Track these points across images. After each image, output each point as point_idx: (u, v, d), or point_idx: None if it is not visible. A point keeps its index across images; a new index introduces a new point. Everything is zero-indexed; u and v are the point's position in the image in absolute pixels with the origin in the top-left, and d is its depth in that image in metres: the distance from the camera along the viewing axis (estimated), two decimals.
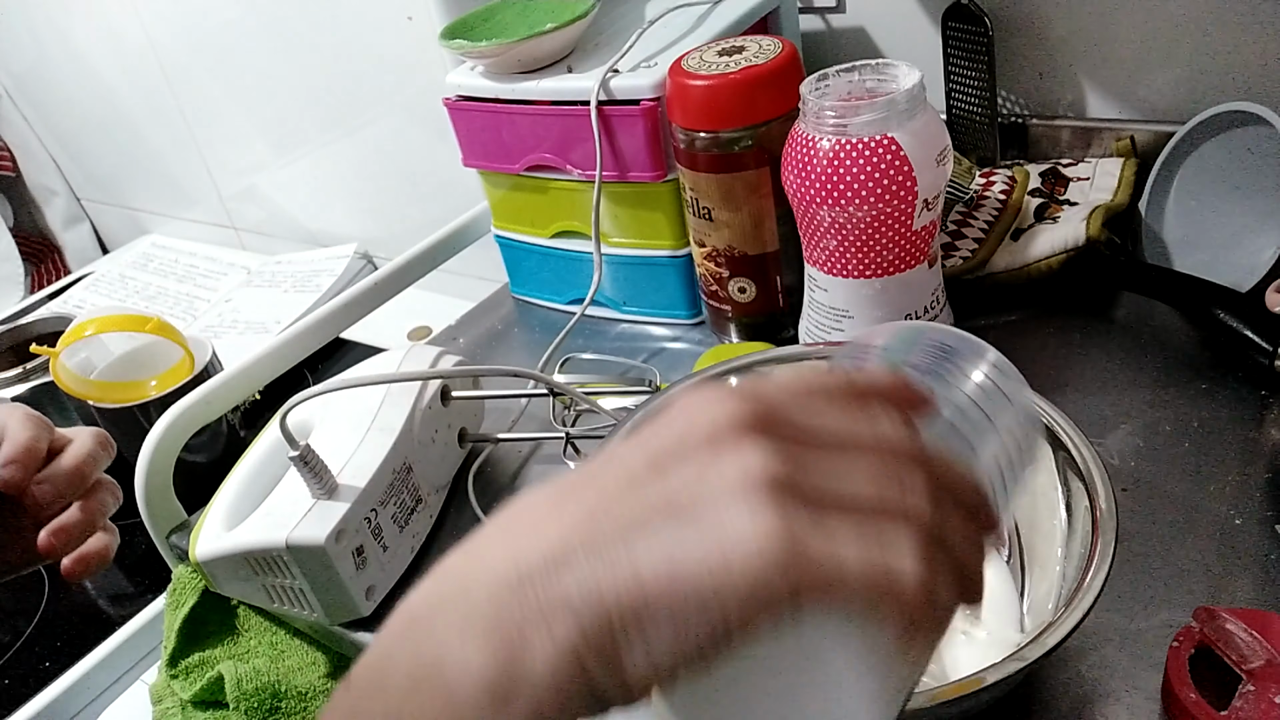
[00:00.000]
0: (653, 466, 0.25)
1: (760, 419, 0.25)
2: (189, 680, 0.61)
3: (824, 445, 0.25)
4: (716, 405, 0.25)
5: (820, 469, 0.24)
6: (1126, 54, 0.78)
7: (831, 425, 0.25)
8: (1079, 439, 0.48)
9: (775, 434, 0.24)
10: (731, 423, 0.24)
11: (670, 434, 0.25)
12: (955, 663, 0.47)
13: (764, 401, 0.25)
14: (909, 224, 0.58)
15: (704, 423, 0.25)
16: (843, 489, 0.24)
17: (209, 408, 0.69)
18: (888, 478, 0.24)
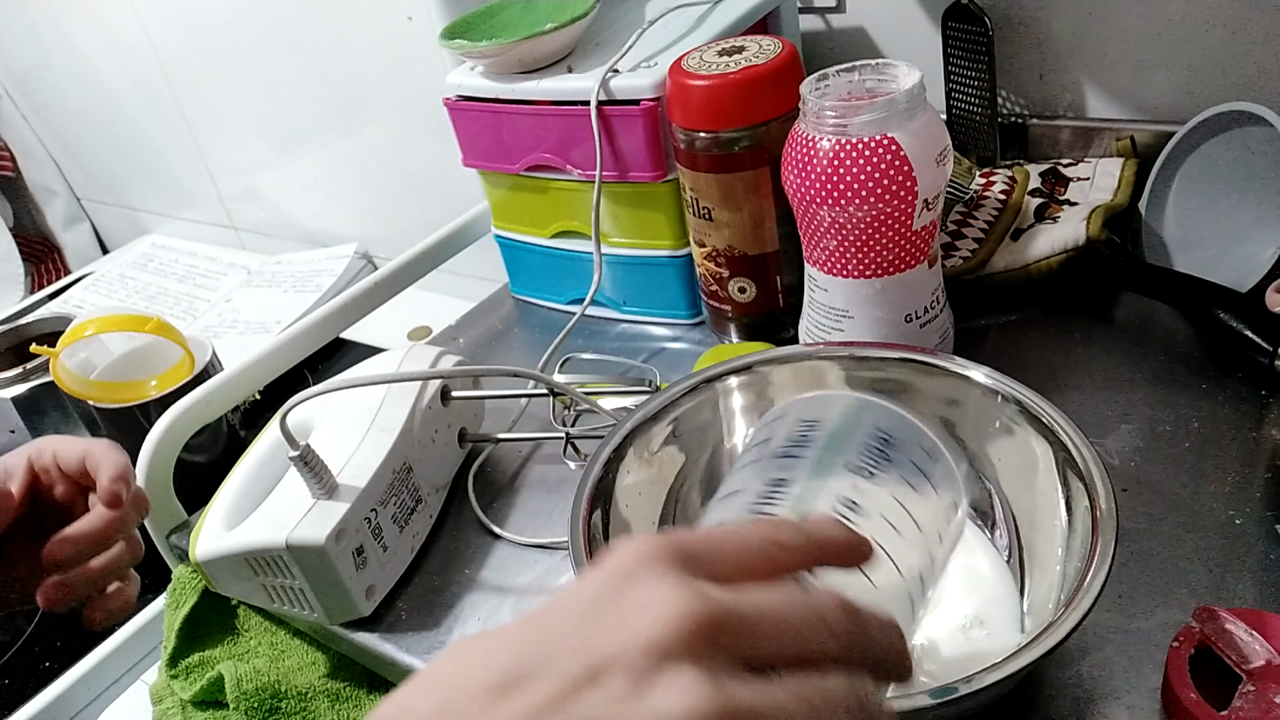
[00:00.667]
0: (586, 673, 0.25)
1: (696, 634, 0.25)
2: (189, 680, 0.61)
3: (761, 657, 0.26)
4: (662, 602, 0.26)
5: (755, 699, 0.25)
6: (1126, 54, 0.78)
7: (775, 630, 0.27)
8: (1079, 439, 0.48)
9: (712, 657, 0.25)
10: (674, 636, 0.25)
11: (605, 627, 0.26)
12: (955, 663, 0.47)
13: (700, 604, 0.26)
14: (909, 224, 0.58)
15: (643, 628, 0.25)
16: (774, 718, 0.25)
17: (209, 408, 0.69)
18: (821, 697, 0.26)
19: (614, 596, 0.27)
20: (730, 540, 0.29)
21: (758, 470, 0.34)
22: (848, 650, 0.27)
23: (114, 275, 1.44)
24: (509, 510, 0.65)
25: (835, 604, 0.28)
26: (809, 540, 0.29)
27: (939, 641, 0.48)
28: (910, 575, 0.33)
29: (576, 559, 0.47)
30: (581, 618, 0.26)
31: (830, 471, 0.33)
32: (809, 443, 0.34)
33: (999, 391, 0.52)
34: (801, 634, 0.27)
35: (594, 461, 0.53)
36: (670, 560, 0.27)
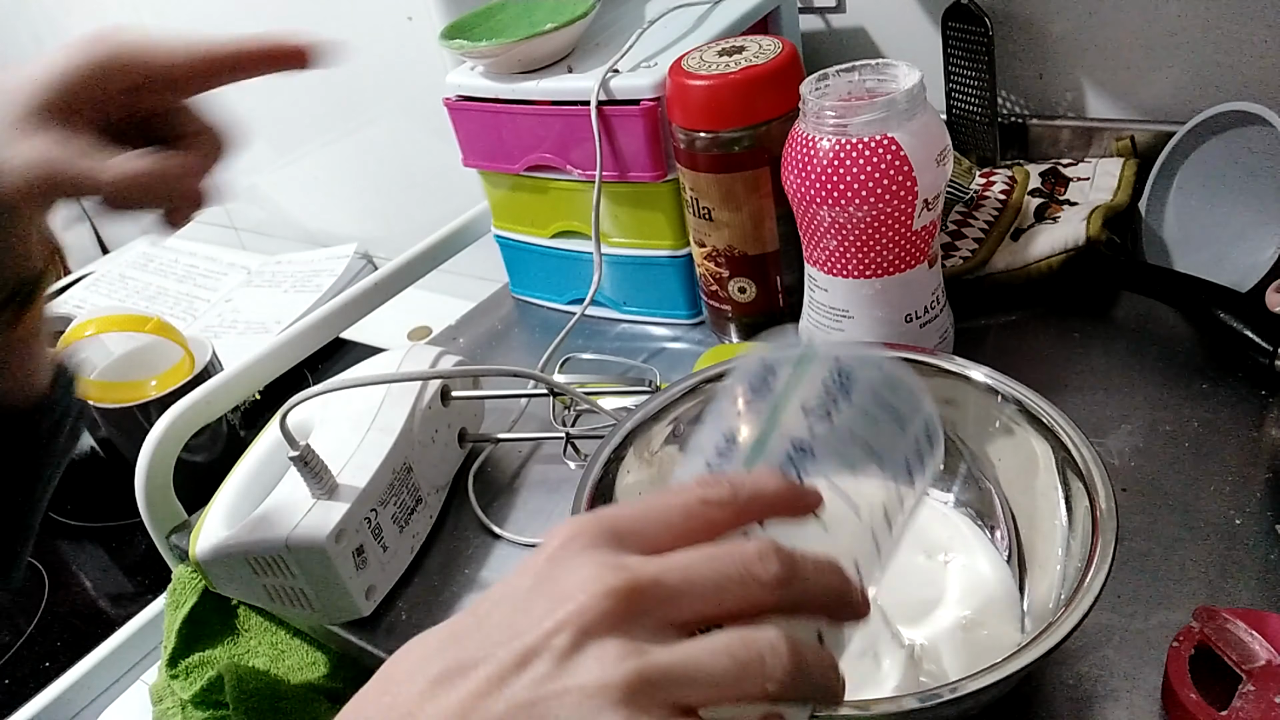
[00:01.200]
0: (518, 659, 0.27)
1: (615, 608, 0.27)
2: (189, 680, 0.61)
3: (687, 619, 0.27)
4: (584, 584, 0.27)
5: (675, 661, 0.26)
6: (1126, 54, 0.78)
7: (699, 590, 0.28)
8: (1079, 439, 0.48)
9: (634, 626, 0.27)
10: (594, 613, 0.27)
11: (536, 614, 0.27)
12: (955, 663, 0.47)
13: (618, 578, 0.27)
14: (909, 224, 0.58)
15: (568, 611, 0.27)
16: (694, 677, 0.27)
17: (209, 408, 0.69)
18: (743, 650, 0.27)
19: (542, 584, 0.28)
20: (657, 509, 0.29)
21: (715, 424, 0.35)
22: (779, 596, 0.28)
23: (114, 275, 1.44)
24: (509, 510, 0.65)
25: (762, 552, 0.28)
26: (743, 495, 0.30)
27: (939, 641, 0.48)
28: (871, 514, 0.33)
29: None
30: (513, 607, 0.28)
31: (786, 416, 0.33)
32: (766, 390, 0.34)
33: (999, 391, 0.52)
34: (725, 588, 0.28)
35: (594, 461, 0.53)
36: (596, 539, 0.28)
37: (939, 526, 0.55)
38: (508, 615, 0.28)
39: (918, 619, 0.50)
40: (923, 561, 0.53)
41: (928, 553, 0.53)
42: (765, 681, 0.27)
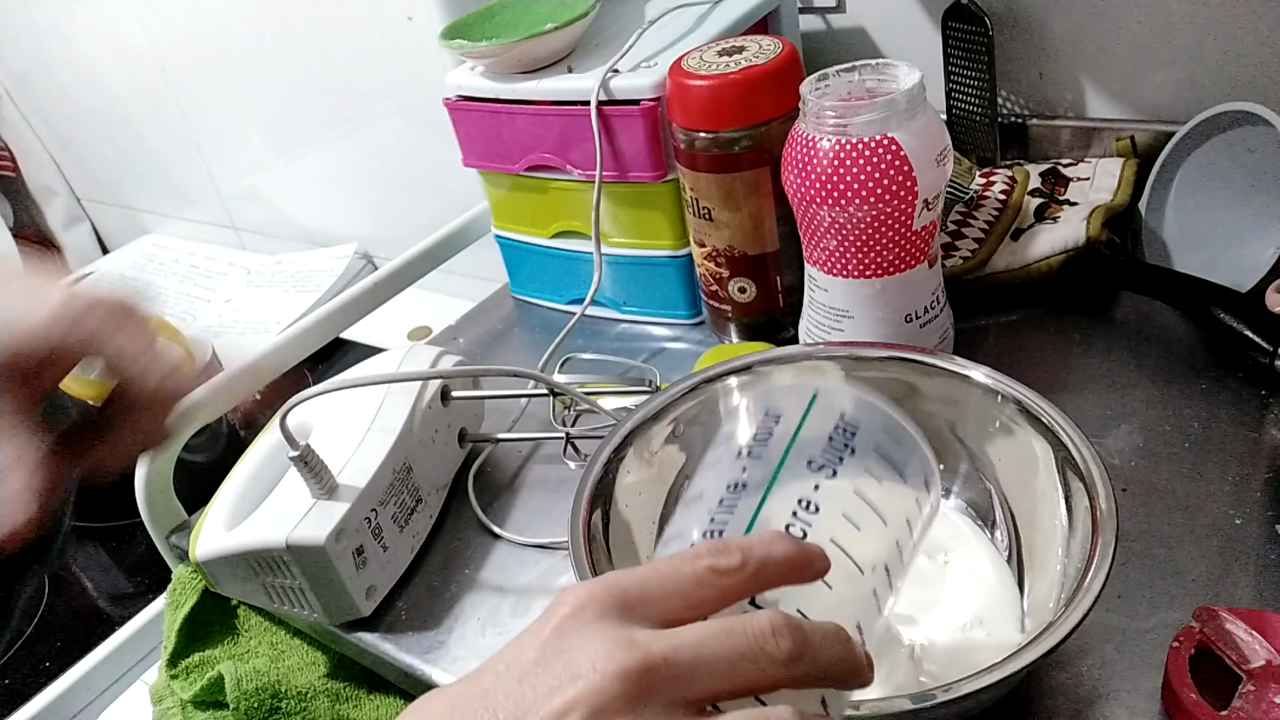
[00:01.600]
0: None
1: (627, 689, 0.26)
2: (189, 680, 0.61)
3: (698, 697, 0.27)
4: (595, 664, 0.27)
5: None
6: (1126, 54, 0.78)
7: (712, 668, 0.27)
8: (1079, 439, 0.48)
9: (645, 707, 0.26)
10: (606, 695, 0.26)
11: (544, 692, 0.27)
12: (955, 663, 0.47)
13: (630, 657, 0.27)
14: (909, 224, 0.58)
15: (578, 692, 0.26)
16: None
17: (209, 408, 0.69)
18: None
19: (550, 658, 0.27)
20: (668, 577, 0.29)
21: (719, 473, 0.34)
22: (791, 672, 0.28)
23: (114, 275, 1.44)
24: (509, 510, 0.65)
25: (774, 627, 0.28)
26: (752, 564, 0.29)
27: (939, 641, 0.48)
28: (873, 570, 0.33)
29: (576, 559, 0.47)
30: (520, 680, 0.27)
31: (791, 472, 0.33)
32: (770, 440, 0.34)
33: (999, 391, 0.52)
34: (738, 665, 0.27)
35: (594, 461, 0.53)
36: (605, 609, 0.28)
37: (939, 526, 0.55)
38: (513, 687, 0.27)
39: (918, 619, 0.50)
40: (923, 561, 0.53)
41: (928, 553, 0.53)
42: None
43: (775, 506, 0.32)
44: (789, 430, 0.34)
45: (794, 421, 0.34)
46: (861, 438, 0.34)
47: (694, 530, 0.33)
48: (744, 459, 0.34)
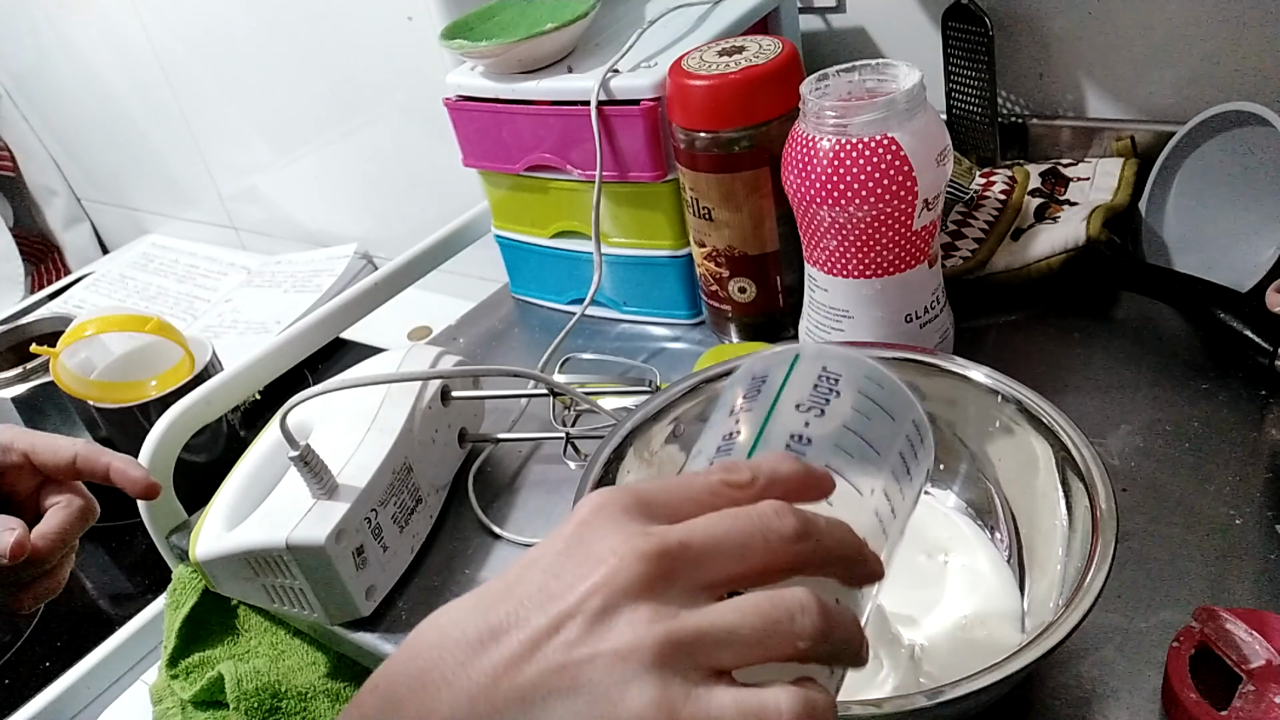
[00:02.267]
0: (551, 623, 0.27)
1: (646, 573, 0.27)
2: (189, 680, 0.61)
3: (715, 580, 0.28)
4: (615, 549, 0.28)
5: (706, 623, 0.27)
6: (1126, 54, 0.78)
7: (724, 549, 0.28)
8: (1079, 439, 0.48)
9: (665, 590, 0.27)
10: (625, 576, 0.27)
11: (568, 579, 0.28)
12: (955, 663, 0.47)
13: (647, 543, 0.28)
14: (909, 224, 0.58)
15: (601, 576, 0.27)
16: (725, 638, 0.27)
17: (209, 408, 0.69)
18: (772, 609, 0.27)
19: (573, 550, 0.29)
20: (682, 486, 0.30)
21: (715, 431, 0.36)
22: (799, 549, 0.28)
23: (114, 275, 1.44)
24: (509, 510, 0.65)
25: (778, 509, 0.29)
26: (761, 479, 0.30)
27: (939, 641, 0.48)
28: (872, 492, 0.34)
29: None
30: (545, 572, 0.28)
31: (780, 414, 0.34)
32: (759, 396, 0.35)
33: (999, 391, 0.52)
34: (749, 546, 0.28)
35: (594, 461, 0.53)
36: (625, 509, 0.29)
37: (939, 526, 0.55)
38: (540, 579, 0.28)
39: (918, 619, 0.50)
40: (923, 561, 0.53)
41: (928, 553, 0.53)
42: (795, 639, 0.27)
43: (769, 446, 0.34)
44: (775, 385, 0.35)
45: (780, 377, 0.36)
46: (845, 383, 0.35)
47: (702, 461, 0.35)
48: (736, 413, 0.35)
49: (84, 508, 0.54)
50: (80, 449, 0.53)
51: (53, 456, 0.53)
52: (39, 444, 0.53)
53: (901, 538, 0.35)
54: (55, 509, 0.53)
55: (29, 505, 0.54)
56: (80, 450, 0.53)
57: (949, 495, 0.56)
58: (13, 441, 0.53)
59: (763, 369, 0.36)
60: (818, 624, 0.27)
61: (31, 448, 0.53)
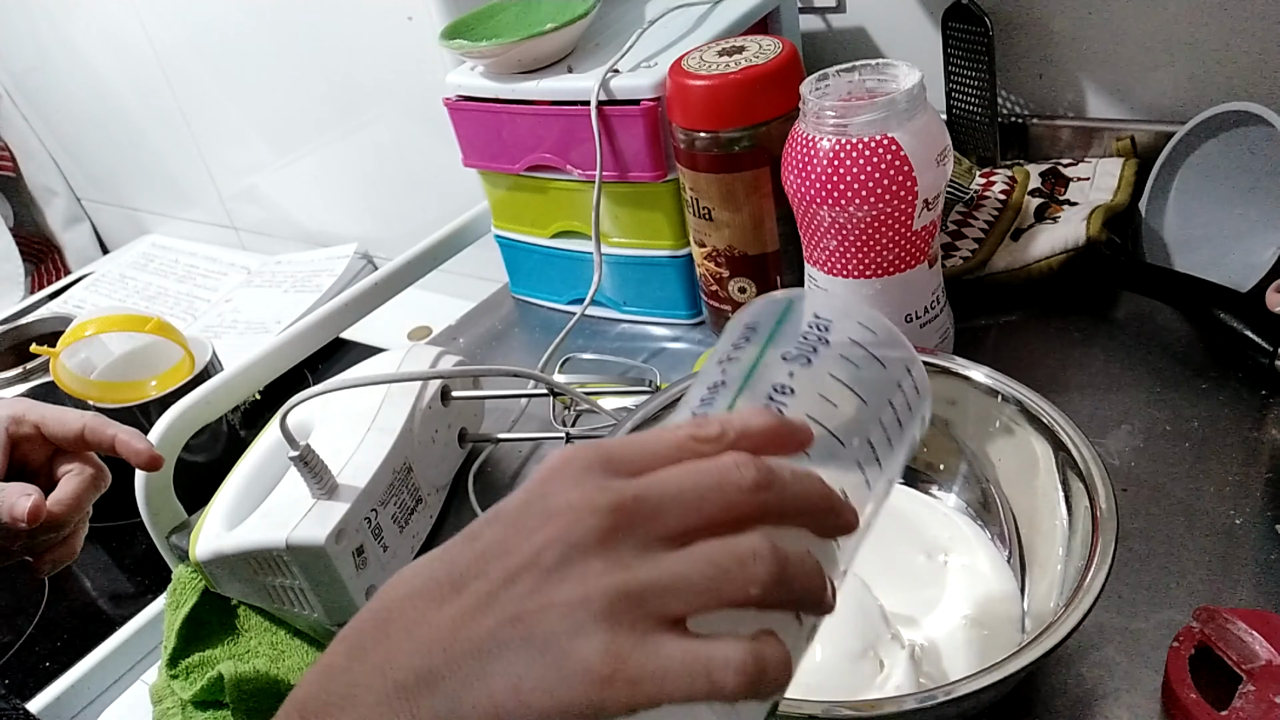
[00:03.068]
0: (508, 575, 0.28)
1: (601, 525, 0.27)
2: (189, 680, 0.61)
3: (672, 530, 0.28)
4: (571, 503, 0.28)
5: (656, 573, 0.27)
6: (1126, 54, 0.78)
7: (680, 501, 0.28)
8: (1079, 439, 0.48)
9: (619, 542, 0.27)
10: (579, 529, 0.27)
11: (526, 532, 0.28)
12: (955, 663, 0.47)
13: (604, 496, 0.28)
14: (909, 224, 0.58)
15: (556, 529, 0.28)
16: (675, 585, 0.27)
17: (209, 408, 0.68)
18: (723, 556, 0.27)
19: (534, 503, 0.29)
20: (649, 442, 0.30)
21: (700, 380, 0.35)
22: (758, 499, 0.28)
23: (114, 275, 1.44)
24: None
25: (739, 461, 0.29)
26: (732, 433, 0.30)
27: (939, 641, 0.48)
28: (855, 443, 0.33)
29: None
30: (504, 525, 0.29)
31: (766, 365, 0.34)
32: (747, 345, 0.35)
33: (999, 391, 0.52)
34: (706, 497, 0.28)
35: None
36: (589, 464, 0.29)
37: (939, 526, 0.55)
38: (499, 533, 0.29)
39: (918, 619, 0.50)
40: (923, 561, 0.53)
41: (928, 553, 0.53)
42: (748, 585, 0.27)
43: (751, 396, 0.33)
44: (764, 334, 0.34)
45: (770, 325, 0.35)
46: (835, 330, 0.34)
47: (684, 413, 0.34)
48: (723, 363, 0.35)
49: (95, 475, 0.56)
50: (88, 420, 0.55)
51: (62, 428, 0.55)
52: (49, 416, 0.55)
53: (891, 488, 0.34)
54: (68, 476, 0.55)
55: (43, 475, 0.56)
56: (88, 422, 0.55)
57: (949, 495, 0.56)
58: (24, 413, 0.55)
59: (754, 317, 0.35)
60: (771, 570, 0.27)
61: (42, 419, 0.55)
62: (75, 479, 0.55)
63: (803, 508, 0.29)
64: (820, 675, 0.45)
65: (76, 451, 0.57)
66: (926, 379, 0.35)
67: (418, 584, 0.30)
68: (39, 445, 0.56)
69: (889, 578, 0.50)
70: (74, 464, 0.56)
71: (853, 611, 0.47)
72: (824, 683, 0.45)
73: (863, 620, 0.46)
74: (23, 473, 0.56)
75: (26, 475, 0.56)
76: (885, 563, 0.53)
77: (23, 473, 0.56)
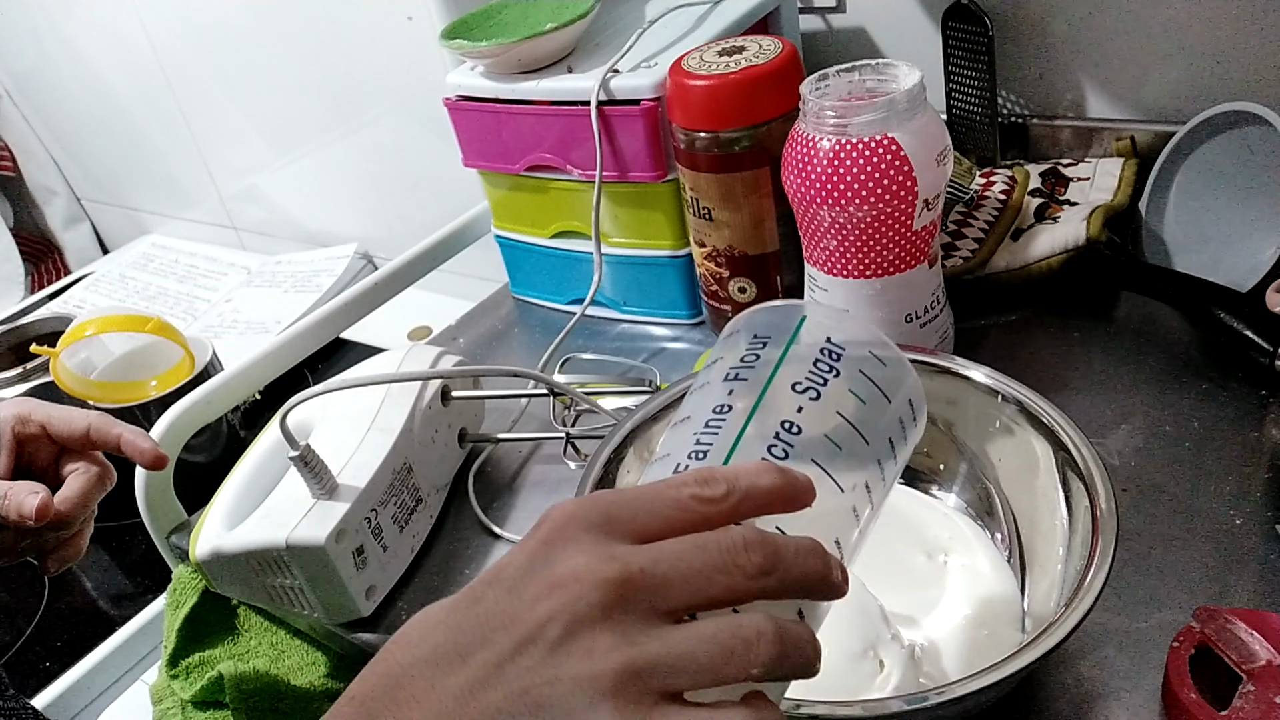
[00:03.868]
0: (514, 646, 0.28)
1: (608, 599, 0.28)
2: (189, 680, 0.61)
3: (675, 607, 0.28)
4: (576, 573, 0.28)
5: (663, 651, 0.27)
6: (1126, 54, 0.78)
7: (687, 579, 0.28)
8: (1079, 439, 0.48)
9: (624, 615, 0.28)
10: (585, 603, 0.28)
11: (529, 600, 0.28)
12: (955, 663, 0.47)
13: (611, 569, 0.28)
14: (909, 224, 0.58)
15: (561, 601, 0.28)
16: (681, 665, 0.27)
17: (209, 408, 0.69)
18: (730, 639, 0.28)
19: (537, 569, 0.29)
20: (651, 500, 0.30)
21: (706, 395, 0.35)
22: (763, 584, 0.29)
23: (114, 275, 1.44)
24: (509, 510, 0.65)
25: (746, 542, 0.29)
26: (737, 495, 0.30)
27: (939, 641, 0.48)
28: (854, 488, 0.33)
29: None
30: (508, 590, 0.29)
31: (776, 394, 0.33)
32: (757, 363, 0.34)
33: (999, 391, 0.52)
34: (712, 578, 0.28)
35: (594, 461, 0.53)
36: (590, 525, 0.29)
37: (939, 526, 0.55)
38: (503, 598, 0.29)
39: (918, 619, 0.50)
40: (923, 561, 0.53)
41: (928, 553, 0.53)
42: (751, 667, 0.27)
43: (759, 428, 0.33)
44: (775, 355, 0.34)
45: (781, 345, 0.34)
46: (847, 360, 0.34)
47: (680, 453, 0.34)
48: (731, 382, 0.34)
49: (101, 474, 0.56)
50: (93, 420, 0.56)
51: (67, 427, 0.55)
52: (54, 415, 0.56)
53: (879, 516, 0.34)
54: (75, 475, 0.55)
55: (49, 474, 0.57)
56: (93, 421, 0.56)
57: (949, 495, 0.56)
58: (30, 413, 0.56)
59: (765, 328, 0.35)
60: (773, 653, 0.28)
61: (48, 419, 0.56)
62: (81, 478, 0.55)
63: (803, 586, 0.30)
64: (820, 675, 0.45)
65: (82, 451, 0.57)
66: (924, 403, 0.35)
67: (424, 651, 0.30)
68: (45, 444, 0.57)
69: (889, 578, 0.50)
70: (80, 463, 0.56)
71: (853, 611, 0.47)
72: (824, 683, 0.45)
73: (863, 620, 0.46)
74: (29, 472, 0.56)
75: (33, 475, 0.56)
76: (885, 563, 0.53)
77: (29, 472, 0.56)
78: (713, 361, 0.36)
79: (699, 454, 0.33)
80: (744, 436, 0.33)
